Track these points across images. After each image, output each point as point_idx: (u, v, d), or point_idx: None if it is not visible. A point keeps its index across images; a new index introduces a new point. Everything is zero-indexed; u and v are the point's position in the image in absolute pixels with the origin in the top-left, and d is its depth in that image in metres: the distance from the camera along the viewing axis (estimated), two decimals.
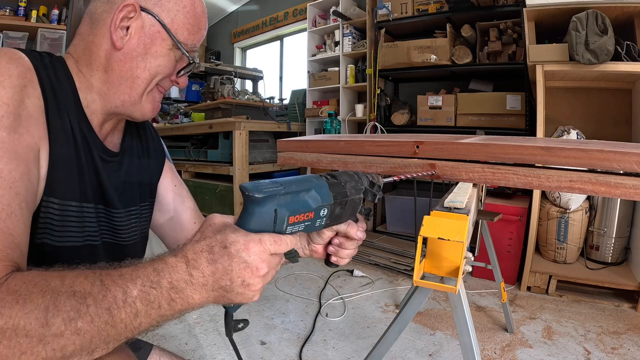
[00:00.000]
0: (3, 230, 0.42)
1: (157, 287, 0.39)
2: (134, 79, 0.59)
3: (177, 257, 0.41)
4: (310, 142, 1.00)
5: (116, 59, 0.58)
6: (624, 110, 2.32)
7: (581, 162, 0.63)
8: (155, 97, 0.64)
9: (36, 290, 0.36)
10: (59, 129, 0.54)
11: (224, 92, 3.57)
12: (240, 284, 0.41)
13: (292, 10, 4.44)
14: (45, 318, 0.35)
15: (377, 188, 0.54)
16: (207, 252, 0.41)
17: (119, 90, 0.59)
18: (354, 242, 0.57)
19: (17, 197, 0.44)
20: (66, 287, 0.37)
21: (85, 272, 0.39)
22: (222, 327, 1.69)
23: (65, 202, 0.56)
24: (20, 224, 0.44)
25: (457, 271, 0.57)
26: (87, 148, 0.59)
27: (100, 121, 0.62)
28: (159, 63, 0.60)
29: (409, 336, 1.64)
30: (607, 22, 1.83)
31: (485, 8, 2.51)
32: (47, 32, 3.32)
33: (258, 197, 0.41)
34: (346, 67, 3.38)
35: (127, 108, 0.61)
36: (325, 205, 0.47)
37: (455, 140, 0.81)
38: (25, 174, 0.47)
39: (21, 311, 0.35)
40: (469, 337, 0.63)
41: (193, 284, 0.40)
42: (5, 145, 0.44)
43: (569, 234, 2.16)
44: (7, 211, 0.43)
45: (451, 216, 0.59)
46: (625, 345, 1.57)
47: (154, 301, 0.39)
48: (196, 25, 0.62)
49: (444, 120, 2.74)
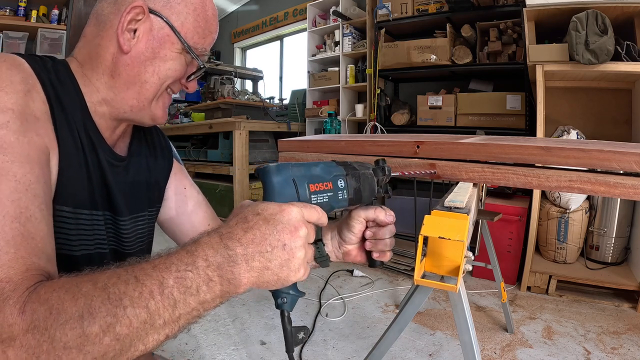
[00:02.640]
0: (24, 235, 0.39)
1: (192, 268, 0.37)
2: (142, 83, 0.57)
3: (210, 235, 0.39)
4: (311, 142, 1.00)
5: (123, 62, 0.55)
6: (624, 110, 2.32)
7: (581, 162, 0.63)
8: (165, 102, 0.62)
9: (68, 298, 0.34)
10: (66, 134, 0.52)
11: (224, 92, 3.57)
12: (282, 248, 0.39)
13: (292, 10, 4.44)
14: (82, 327, 0.33)
15: (382, 162, 0.55)
16: (241, 222, 0.39)
17: (126, 95, 0.57)
18: (386, 230, 0.56)
19: (36, 199, 0.42)
20: (99, 290, 0.35)
21: (118, 271, 0.37)
22: (222, 327, 1.69)
23: (76, 211, 0.54)
24: (42, 227, 0.42)
25: (457, 270, 0.57)
26: (94, 153, 0.57)
27: (109, 126, 0.60)
28: (168, 67, 0.57)
29: (409, 336, 1.64)
30: (607, 22, 1.83)
31: (485, 8, 2.51)
32: (47, 32, 3.32)
33: (272, 166, 0.42)
34: (346, 67, 3.38)
35: (136, 114, 0.59)
36: (339, 175, 0.48)
37: (455, 140, 0.81)
38: (41, 177, 0.45)
39: (56, 322, 0.33)
40: (469, 335, 0.63)
41: (230, 256, 0.38)
42: (15, 149, 0.42)
43: (569, 234, 2.16)
44: (26, 214, 0.40)
45: (452, 215, 0.59)
46: (625, 345, 1.57)
47: (191, 286, 0.36)
48: (207, 28, 0.60)
49: (444, 120, 2.74)
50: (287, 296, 0.43)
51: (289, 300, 0.43)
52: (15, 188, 0.40)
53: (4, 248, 0.37)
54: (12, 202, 0.40)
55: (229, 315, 1.80)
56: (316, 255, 0.52)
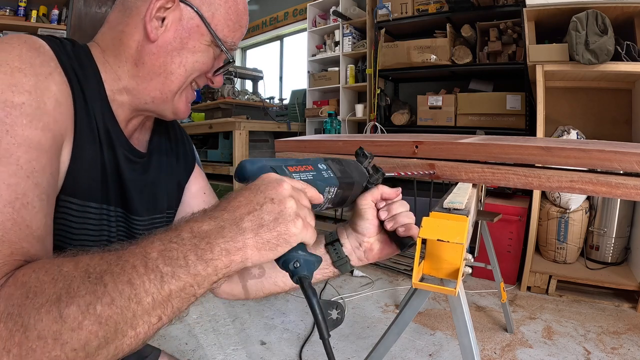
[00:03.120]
0: (16, 221, 0.37)
1: (177, 240, 0.34)
2: (168, 74, 0.54)
3: (195, 213, 0.38)
4: (308, 142, 1.00)
5: (149, 51, 0.53)
6: (624, 110, 2.32)
7: (581, 162, 0.63)
8: (189, 96, 0.59)
9: (47, 279, 0.31)
10: (84, 122, 0.49)
11: (224, 92, 3.57)
12: (270, 201, 0.37)
13: (292, 10, 4.44)
14: (59, 310, 0.30)
15: (359, 149, 0.54)
16: (224, 199, 0.39)
17: (150, 85, 0.55)
18: (398, 204, 0.56)
19: (37, 188, 0.40)
20: (80, 270, 0.32)
21: (101, 253, 0.35)
22: (222, 327, 1.69)
23: (85, 203, 0.51)
24: (40, 217, 0.40)
25: (456, 273, 0.57)
26: (110, 145, 0.54)
27: (127, 117, 0.57)
28: (196, 59, 0.55)
29: (409, 336, 1.64)
30: (607, 22, 1.83)
31: (485, 8, 2.51)
32: (47, 32, 3.31)
33: (245, 160, 0.40)
34: (346, 67, 3.38)
35: (158, 106, 0.57)
36: (318, 160, 0.46)
37: (455, 140, 0.81)
38: (47, 167, 0.42)
39: (31, 306, 0.30)
40: (468, 339, 0.63)
41: (217, 224, 0.35)
42: (25, 133, 0.40)
43: (569, 234, 2.16)
44: (22, 201, 0.38)
45: (451, 217, 0.59)
46: (625, 345, 1.57)
47: (179, 258, 0.33)
48: (238, 22, 0.57)
49: (444, 120, 2.73)
50: (298, 258, 0.37)
51: (303, 262, 0.37)
52: (15, 172, 0.38)
53: None
54: (8, 186, 0.37)
55: (229, 315, 1.80)
56: (334, 259, 0.49)
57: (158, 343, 1.53)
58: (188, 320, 1.74)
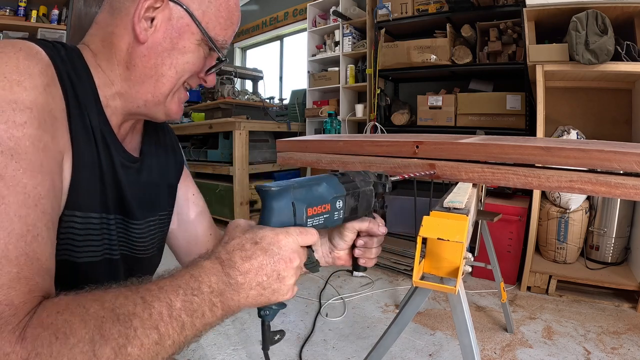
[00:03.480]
0: (29, 255, 0.37)
1: (198, 293, 0.38)
2: (159, 77, 0.53)
3: (211, 260, 0.41)
4: (309, 142, 1.00)
5: (139, 53, 0.51)
6: (624, 110, 2.32)
7: (581, 162, 0.63)
8: (181, 97, 0.59)
9: (76, 320, 0.33)
10: (80, 132, 0.48)
11: (224, 92, 3.57)
12: (276, 278, 0.41)
13: (292, 10, 4.44)
14: (93, 350, 0.32)
15: (385, 179, 0.56)
16: (239, 250, 0.41)
17: (142, 88, 0.53)
18: (377, 240, 0.59)
19: (44, 216, 0.40)
20: (107, 311, 0.34)
21: (124, 291, 0.36)
22: (222, 327, 1.69)
23: (87, 215, 0.51)
24: (47, 247, 0.40)
25: (456, 271, 0.57)
26: (107, 153, 0.53)
27: (120, 121, 0.56)
28: (186, 60, 0.54)
29: (409, 336, 1.64)
30: (607, 22, 1.83)
31: (485, 8, 2.51)
32: (47, 32, 3.32)
33: (274, 189, 0.43)
34: (346, 67, 3.38)
35: (150, 109, 0.56)
36: (339, 197, 0.49)
37: (455, 140, 0.81)
38: (51, 190, 0.42)
39: (64, 347, 0.31)
40: (468, 338, 0.63)
41: (231, 285, 0.40)
42: (29, 156, 0.39)
43: (569, 234, 2.16)
44: (33, 233, 0.38)
45: (451, 216, 0.59)
46: (625, 345, 1.57)
47: (198, 310, 0.38)
48: (229, 19, 0.56)
49: (444, 120, 2.73)
50: (270, 309, 0.46)
51: (271, 312, 0.47)
52: (25, 202, 0.38)
53: (5, 267, 0.34)
54: (20, 218, 0.37)
55: None
56: (306, 262, 0.53)
57: None
58: None
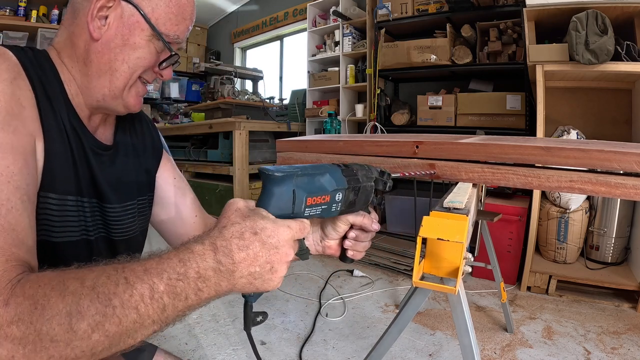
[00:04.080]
0: (4, 227, 0.40)
1: (183, 278, 0.38)
2: (113, 71, 0.57)
3: (204, 245, 0.40)
4: (309, 142, 1.00)
5: (94, 50, 0.55)
6: (624, 110, 2.32)
7: (581, 162, 0.63)
8: (139, 90, 0.62)
9: (54, 295, 0.35)
10: (51, 122, 0.52)
11: (224, 92, 3.57)
12: (269, 270, 0.41)
13: (292, 10, 4.44)
14: (70, 324, 0.34)
15: (387, 176, 0.56)
16: (237, 239, 0.40)
17: (98, 83, 0.57)
18: (369, 235, 0.59)
19: (17, 191, 0.43)
20: (87, 289, 0.36)
21: (108, 270, 0.38)
22: (222, 327, 1.69)
23: (63, 197, 0.55)
24: (23, 219, 0.43)
25: (456, 272, 0.57)
26: (78, 141, 0.57)
27: (87, 114, 0.60)
28: (138, 55, 0.57)
29: (409, 336, 1.64)
30: (607, 22, 1.83)
31: (485, 8, 2.51)
32: (47, 32, 3.32)
33: (277, 175, 0.43)
34: (346, 67, 3.38)
35: (109, 102, 0.59)
36: (340, 190, 0.49)
37: (455, 140, 0.81)
38: (24, 168, 0.45)
39: (41, 317, 0.34)
40: (468, 338, 0.63)
41: (221, 272, 0.39)
42: (0, 139, 0.43)
43: (569, 234, 2.16)
44: (7, 206, 0.41)
45: (451, 216, 0.59)
46: (625, 345, 1.57)
47: (181, 293, 0.38)
48: (180, 14, 0.59)
49: (444, 120, 2.73)
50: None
51: (255, 295, 0.46)
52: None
53: None
54: None
55: (229, 316, 1.80)
56: (297, 252, 0.54)
57: (158, 343, 1.54)
58: (188, 320, 1.74)
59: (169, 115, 4.90)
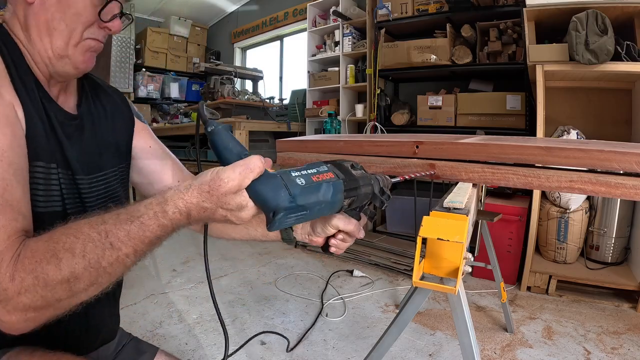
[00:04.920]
0: (2, 205, 0.43)
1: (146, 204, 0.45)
2: (52, 31, 0.56)
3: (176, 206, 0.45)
4: (309, 142, 1.00)
5: (32, 13, 0.55)
6: (624, 110, 2.32)
7: (581, 162, 0.63)
8: (90, 46, 0.60)
9: (51, 269, 0.42)
10: (21, 90, 0.53)
11: (224, 92, 3.57)
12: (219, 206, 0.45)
13: (292, 10, 4.44)
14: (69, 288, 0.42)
15: (386, 197, 0.56)
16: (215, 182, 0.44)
17: (41, 46, 0.56)
18: (353, 238, 0.62)
19: (10, 167, 0.45)
20: (78, 257, 0.42)
21: (91, 235, 0.43)
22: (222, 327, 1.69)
23: (48, 166, 0.55)
24: (17, 192, 0.46)
25: (456, 272, 0.57)
26: (45, 110, 0.57)
27: (47, 83, 0.59)
28: (73, 12, 0.56)
29: (409, 336, 1.64)
30: (607, 22, 1.83)
31: (485, 8, 2.51)
32: None
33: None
34: (346, 67, 3.38)
35: (56, 64, 0.58)
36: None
37: (455, 140, 0.81)
38: (14, 141, 0.47)
39: (44, 287, 0.41)
40: (468, 338, 0.63)
41: (180, 190, 0.45)
42: None
43: (569, 234, 2.16)
44: (3, 185, 0.44)
45: (450, 216, 0.59)
46: (625, 345, 1.57)
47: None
48: None
49: (444, 120, 2.73)
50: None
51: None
52: None
53: None
54: None
55: (229, 315, 1.80)
56: (284, 237, 0.61)
57: (158, 343, 1.54)
58: (188, 320, 1.74)
59: (168, 115, 4.90)
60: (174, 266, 2.43)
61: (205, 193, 0.44)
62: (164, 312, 1.82)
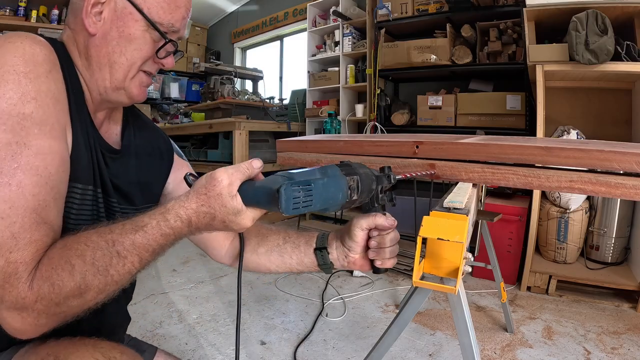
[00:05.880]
0: (39, 223, 0.46)
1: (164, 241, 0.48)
2: (112, 64, 0.58)
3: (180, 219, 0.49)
4: (309, 142, 1.00)
5: (93, 45, 0.57)
6: (624, 110, 2.32)
7: (581, 162, 0.63)
8: (142, 81, 0.63)
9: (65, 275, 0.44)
10: (75, 116, 0.55)
11: (224, 92, 3.57)
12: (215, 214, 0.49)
13: (292, 10, 4.44)
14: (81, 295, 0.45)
15: (388, 169, 0.56)
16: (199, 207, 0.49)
17: (100, 76, 0.58)
18: (388, 238, 0.59)
19: (53, 190, 0.48)
20: (88, 265, 0.45)
21: (100, 244, 0.46)
22: (222, 327, 1.69)
23: (86, 187, 0.57)
24: (54, 212, 0.49)
25: (456, 272, 0.57)
26: (91, 138, 0.59)
27: (93, 110, 0.61)
28: (134, 47, 0.58)
29: (409, 336, 1.64)
30: (607, 22, 1.83)
31: (485, 8, 2.51)
32: (47, 32, 3.31)
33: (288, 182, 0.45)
34: (346, 67, 3.38)
35: (111, 94, 0.60)
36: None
37: (455, 140, 0.81)
38: (61, 166, 0.49)
39: (58, 295, 0.44)
40: (468, 338, 0.63)
41: (181, 199, 0.49)
42: (39, 142, 0.46)
43: (569, 234, 2.16)
44: (43, 205, 0.47)
45: (450, 216, 0.59)
46: (625, 345, 1.57)
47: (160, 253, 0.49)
48: (172, 2, 0.59)
49: (444, 120, 2.73)
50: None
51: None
52: (37, 182, 0.46)
53: (21, 234, 0.44)
54: (33, 196, 0.45)
55: (229, 315, 1.80)
56: (319, 262, 0.59)
57: (158, 343, 1.54)
58: (188, 320, 1.74)
59: (169, 115, 4.90)
60: (174, 266, 2.43)
61: (202, 196, 0.48)
62: (164, 312, 1.82)
